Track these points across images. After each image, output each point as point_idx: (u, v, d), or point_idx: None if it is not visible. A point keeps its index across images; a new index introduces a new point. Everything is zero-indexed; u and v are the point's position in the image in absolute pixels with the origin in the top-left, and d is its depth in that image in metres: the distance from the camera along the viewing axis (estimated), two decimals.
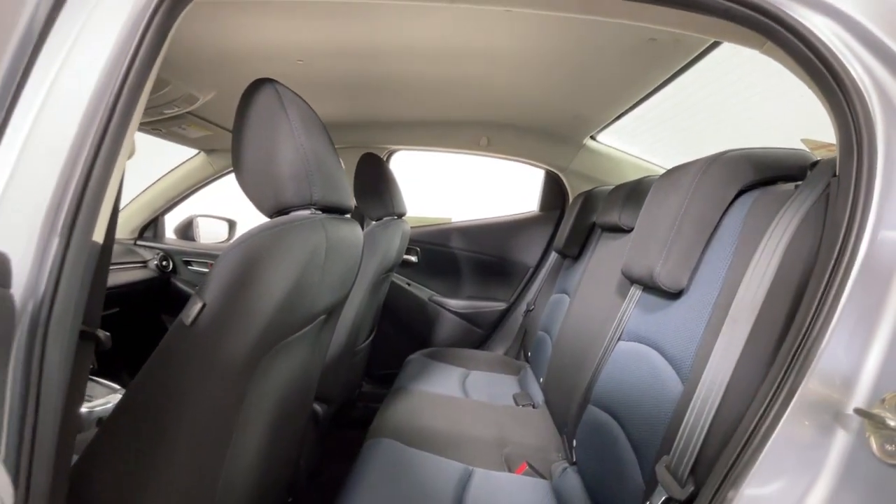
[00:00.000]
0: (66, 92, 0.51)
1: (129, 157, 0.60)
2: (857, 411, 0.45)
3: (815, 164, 0.68)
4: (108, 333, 0.61)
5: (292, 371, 0.88)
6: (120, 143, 0.53)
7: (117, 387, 1.38)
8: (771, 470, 0.48)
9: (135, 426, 0.64)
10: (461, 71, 1.37)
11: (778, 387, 0.50)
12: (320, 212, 0.80)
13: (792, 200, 0.64)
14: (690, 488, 0.58)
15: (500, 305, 2.17)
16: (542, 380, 1.59)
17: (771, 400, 0.50)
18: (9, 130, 0.47)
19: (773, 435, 0.49)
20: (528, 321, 2.06)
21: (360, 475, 1.05)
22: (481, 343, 2.20)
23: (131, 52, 0.54)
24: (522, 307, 2.15)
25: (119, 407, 0.64)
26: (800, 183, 0.68)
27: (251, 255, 0.64)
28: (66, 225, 0.47)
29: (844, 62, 0.50)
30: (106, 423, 0.64)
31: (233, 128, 0.77)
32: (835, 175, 0.56)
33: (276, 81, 0.78)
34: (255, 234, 0.65)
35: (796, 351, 0.50)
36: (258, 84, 0.77)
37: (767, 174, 0.77)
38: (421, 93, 1.59)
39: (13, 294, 0.31)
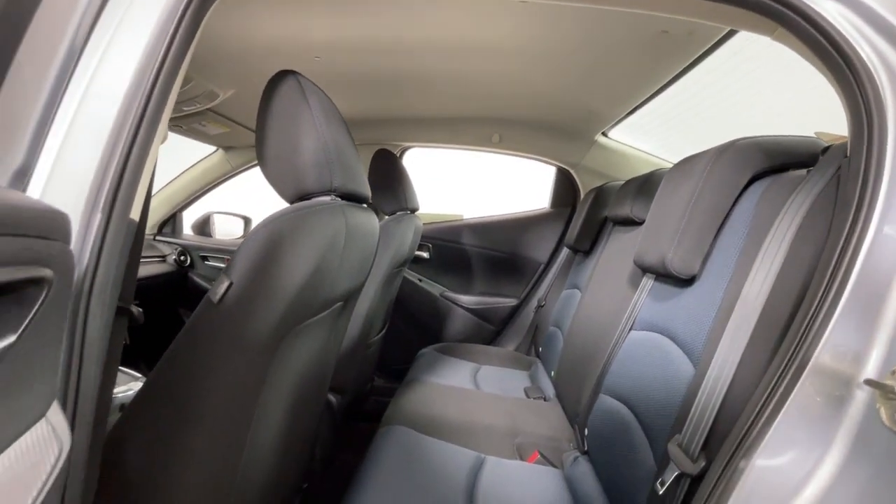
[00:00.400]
0: (108, 81, 0.54)
1: (162, 142, 0.63)
2: (868, 382, 0.46)
3: (826, 149, 0.68)
4: (140, 309, 0.64)
5: (311, 355, 0.90)
6: (155, 128, 0.56)
7: (138, 375, 1.42)
8: (782, 440, 0.49)
9: (164, 400, 0.67)
10: (475, 66, 1.39)
11: (789, 360, 0.51)
12: (339, 199, 0.82)
13: (803, 185, 0.65)
14: (702, 463, 0.59)
15: (511, 301, 2.19)
16: (553, 373, 1.60)
17: (782, 373, 0.51)
18: (59, 115, 0.50)
19: (785, 406, 0.50)
20: (539, 317, 2.07)
21: (374, 461, 1.07)
22: (492, 339, 2.22)
23: (165, 43, 0.57)
24: (533, 303, 2.16)
25: (149, 381, 0.67)
26: (811, 169, 0.69)
27: (276, 236, 0.66)
28: (107, 202, 0.50)
29: (854, 45, 0.52)
30: (136, 396, 0.67)
31: (257, 117, 0.80)
32: (845, 156, 0.57)
33: (299, 73, 0.81)
34: (280, 217, 0.68)
35: (807, 325, 0.51)
36: (281, 75, 0.80)
37: (779, 161, 0.77)
38: (435, 89, 1.62)
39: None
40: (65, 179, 0.49)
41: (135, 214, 0.56)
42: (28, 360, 0.30)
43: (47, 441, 0.32)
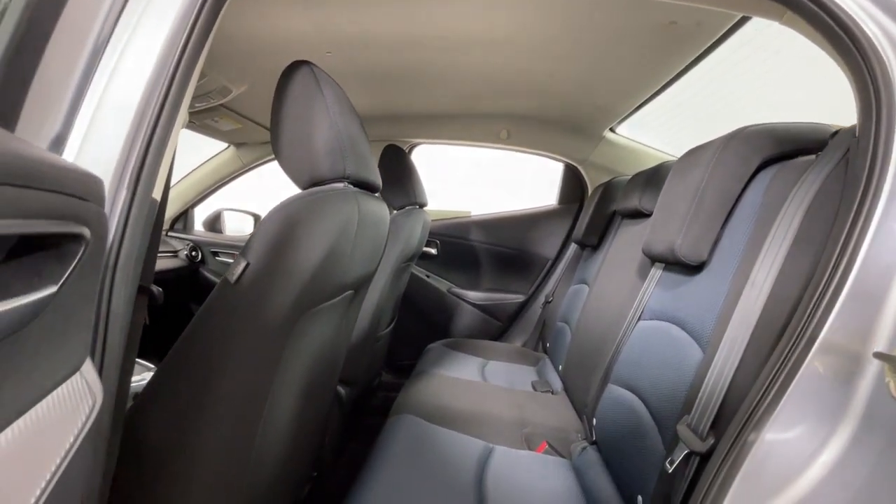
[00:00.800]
0: (135, 61, 0.56)
1: (182, 126, 0.65)
2: (877, 355, 0.46)
3: (835, 133, 0.69)
4: (160, 289, 0.66)
5: (323, 341, 0.92)
6: (177, 110, 0.58)
7: (151, 365, 1.45)
8: (791, 415, 0.50)
9: (182, 378, 0.68)
10: (484, 61, 1.40)
11: (797, 338, 0.52)
12: (352, 186, 0.84)
13: (812, 168, 0.66)
14: (711, 441, 0.60)
15: (519, 297, 2.19)
16: (560, 367, 1.61)
17: (790, 350, 0.51)
18: (89, 93, 0.52)
19: (793, 382, 0.50)
20: (547, 313, 2.08)
21: (383, 449, 1.08)
22: (500, 335, 2.22)
23: (188, 28, 0.59)
24: (541, 299, 2.16)
25: (168, 360, 0.68)
26: (820, 153, 0.69)
27: (291, 219, 0.68)
28: (132, 180, 0.52)
29: (861, 24, 0.52)
30: (155, 374, 0.69)
31: (272, 106, 0.82)
32: (854, 137, 0.57)
33: (313, 63, 0.83)
34: (295, 200, 0.69)
35: (816, 303, 0.51)
36: (296, 65, 0.82)
37: (788, 147, 0.78)
38: (443, 85, 1.63)
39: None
40: (94, 154, 0.51)
41: (157, 194, 0.58)
42: (66, 312, 0.31)
43: (82, 393, 0.34)
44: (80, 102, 0.49)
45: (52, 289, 0.29)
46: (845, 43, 0.54)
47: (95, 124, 0.52)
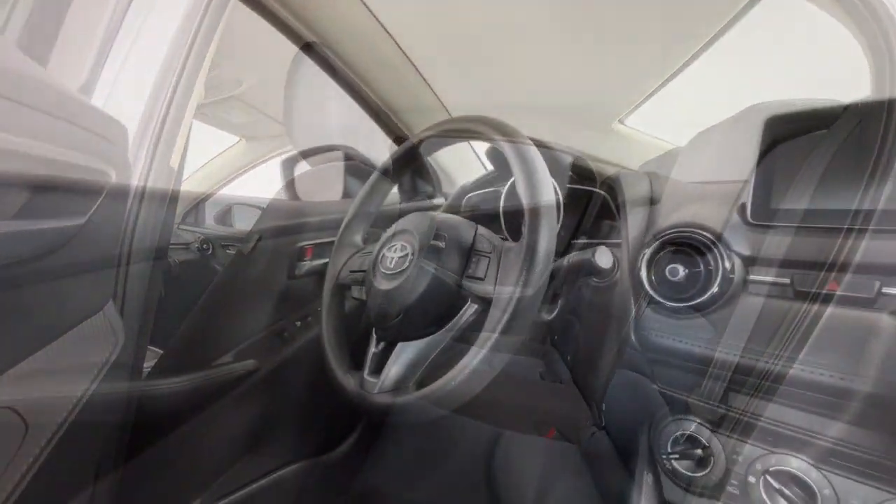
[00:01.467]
0: (153, 35, 0.57)
1: (199, 99, 0.67)
2: (894, 314, 0.46)
3: (847, 107, 0.68)
4: (177, 260, 0.67)
5: (333, 319, 0.93)
6: (194, 78, 0.60)
7: (160, 351, 1.47)
8: (806, 379, 0.50)
9: (193, 349, 0.70)
10: (489, 53, 1.41)
11: (811, 299, 0.51)
12: (362, 165, 0.85)
13: (823, 140, 0.66)
14: (723, 410, 0.60)
15: (528, 291, 2.18)
16: (568, 357, 1.60)
17: (804, 312, 0.51)
18: (104, 74, 0.54)
19: (807, 346, 0.50)
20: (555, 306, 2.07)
21: (392, 433, 1.09)
22: (507, 329, 2.21)
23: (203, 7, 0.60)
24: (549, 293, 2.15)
25: (180, 334, 0.70)
26: (833, 126, 0.69)
27: (301, 194, 0.69)
28: (154, 136, 0.53)
29: None
30: (166, 350, 0.70)
31: (285, 87, 0.83)
32: (867, 105, 0.57)
33: (325, 47, 0.84)
34: (304, 176, 0.71)
35: (829, 267, 0.51)
36: (309, 48, 0.83)
37: (799, 124, 0.77)
38: (451, 77, 1.64)
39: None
40: (117, 111, 0.52)
41: (174, 163, 0.59)
42: (91, 249, 0.32)
43: (106, 332, 0.34)
44: (105, 56, 0.51)
45: (81, 220, 0.30)
46: (858, 8, 0.54)
47: (112, 102, 0.53)
